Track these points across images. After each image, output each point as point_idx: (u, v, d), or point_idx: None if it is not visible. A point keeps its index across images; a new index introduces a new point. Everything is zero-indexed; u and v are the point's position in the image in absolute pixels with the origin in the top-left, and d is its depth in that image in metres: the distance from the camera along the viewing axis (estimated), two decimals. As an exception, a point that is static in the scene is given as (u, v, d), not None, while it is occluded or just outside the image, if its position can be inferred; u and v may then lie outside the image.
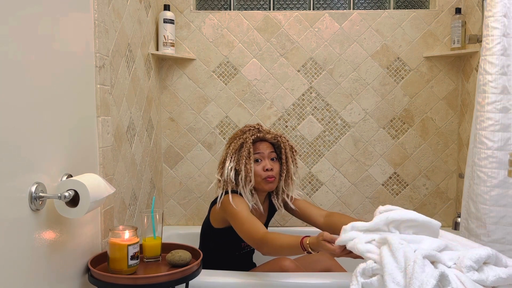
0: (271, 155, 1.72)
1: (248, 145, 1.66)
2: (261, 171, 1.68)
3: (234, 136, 1.76)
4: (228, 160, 1.68)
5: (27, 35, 1.03)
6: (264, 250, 1.48)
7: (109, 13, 1.54)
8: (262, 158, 1.71)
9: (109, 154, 1.50)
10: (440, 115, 2.28)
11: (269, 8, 2.36)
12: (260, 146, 1.72)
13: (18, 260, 0.99)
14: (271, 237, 1.46)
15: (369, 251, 1.19)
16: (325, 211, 1.76)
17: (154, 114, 2.15)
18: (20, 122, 1.00)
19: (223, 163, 1.72)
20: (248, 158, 1.66)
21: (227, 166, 1.67)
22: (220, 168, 1.73)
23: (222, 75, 2.28)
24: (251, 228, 1.53)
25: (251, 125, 1.77)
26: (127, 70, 1.75)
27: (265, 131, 1.75)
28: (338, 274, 1.62)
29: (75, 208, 1.10)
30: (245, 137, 1.69)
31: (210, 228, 1.75)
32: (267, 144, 1.74)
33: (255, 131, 1.73)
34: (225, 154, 1.72)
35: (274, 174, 1.70)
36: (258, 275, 1.58)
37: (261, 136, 1.73)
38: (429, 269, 1.05)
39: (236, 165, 1.67)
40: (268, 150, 1.72)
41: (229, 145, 1.73)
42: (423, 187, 2.31)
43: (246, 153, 1.66)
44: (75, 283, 1.27)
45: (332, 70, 2.27)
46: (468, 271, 1.07)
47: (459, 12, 2.17)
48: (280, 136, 1.74)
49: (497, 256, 1.12)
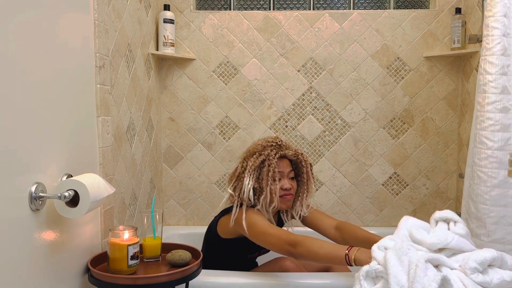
0: (290, 174, 1.63)
1: (273, 165, 1.55)
2: (279, 190, 1.59)
3: (252, 151, 1.62)
4: (247, 178, 1.55)
5: (27, 35, 1.03)
6: (297, 249, 1.38)
7: (109, 13, 1.54)
8: (282, 177, 1.60)
9: (109, 154, 1.50)
10: (440, 115, 2.28)
11: (269, 8, 2.36)
12: (280, 164, 1.60)
13: (18, 260, 0.99)
14: (306, 238, 1.39)
15: (373, 251, 1.19)
16: (335, 221, 1.68)
17: (154, 114, 2.15)
18: (20, 122, 1.00)
19: (238, 177, 1.60)
20: (273, 180, 1.56)
21: (246, 184, 1.54)
22: (233, 182, 1.61)
23: (222, 75, 2.28)
24: (279, 232, 1.46)
25: (271, 140, 1.64)
26: (127, 70, 1.75)
27: (285, 147, 1.64)
28: (338, 274, 1.62)
29: (75, 208, 1.10)
30: (267, 154, 1.57)
31: (216, 237, 1.67)
32: (287, 162, 1.64)
33: (277, 147, 1.61)
34: (242, 169, 1.60)
35: (293, 192, 1.62)
36: (258, 275, 1.57)
37: (283, 154, 1.61)
38: (431, 273, 1.05)
39: (256, 183, 1.56)
40: (288, 169, 1.63)
41: (246, 160, 1.60)
42: (423, 187, 2.31)
43: (271, 174, 1.55)
44: (75, 283, 1.27)
45: (332, 70, 2.27)
46: (472, 273, 1.07)
47: (459, 12, 2.17)
48: (301, 154, 1.64)
49: (502, 258, 1.11)
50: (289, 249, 1.41)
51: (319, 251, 1.35)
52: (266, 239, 1.48)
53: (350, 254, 1.29)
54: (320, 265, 1.79)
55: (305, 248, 1.37)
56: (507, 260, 1.12)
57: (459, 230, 1.20)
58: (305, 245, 1.38)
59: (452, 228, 1.22)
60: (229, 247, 1.67)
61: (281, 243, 1.43)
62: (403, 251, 1.11)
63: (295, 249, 1.39)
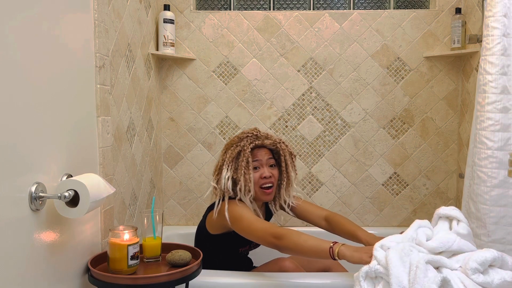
0: (269, 162, 1.67)
1: (247, 154, 1.60)
2: (259, 179, 1.63)
3: (230, 143, 1.68)
4: (225, 169, 1.61)
5: (27, 35, 1.03)
6: (282, 242, 1.41)
7: (109, 13, 1.54)
8: (261, 165, 1.65)
9: (109, 154, 1.50)
10: (440, 115, 2.28)
11: (269, 8, 2.36)
12: (258, 153, 1.65)
13: (18, 260, 0.99)
14: (292, 231, 1.42)
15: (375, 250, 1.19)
16: (324, 212, 1.74)
17: (154, 114, 2.15)
18: (20, 122, 1.00)
19: (219, 171, 1.65)
20: (247, 168, 1.60)
21: (224, 176, 1.60)
22: (216, 175, 1.66)
23: (222, 75, 2.28)
24: (264, 225, 1.49)
25: (248, 131, 1.68)
26: (127, 70, 1.75)
27: (263, 137, 1.68)
28: (338, 274, 1.62)
29: (75, 208, 1.10)
30: (242, 145, 1.62)
31: (205, 234, 1.71)
32: (266, 150, 1.68)
33: (253, 138, 1.65)
34: (221, 162, 1.65)
35: (273, 180, 1.66)
36: (258, 275, 1.57)
37: (260, 143, 1.65)
38: (431, 274, 1.05)
39: (234, 174, 1.61)
40: (266, 157, 1.66)
41: (225, 151, 1.67)
42: (423, 187, 2.31)
43: (245, 163, 1.59)
44: (75, 283, 1.27)
45: (332, 70, 2.27)
46: (473, 273, 1.07)
47: (459, 12, 2.17)
48: (279, 143, 1.68)
49: (503, 258, 1.11)
50: (274, 241, 1.43)
51: (304, 244, 1.38)
52: (251, 232, 1.51)
53: (334, 248, 1.33)
54: (320, 265, 1.80)
55: (290, 241, 1.40)
56: (507, 260, 1.12)
57: (461, 230, 1.20)
58: (290, 238, 1.40)
59: (455, 227, 1.22)
60: (219, 242, 1.69)
61: (266, 235, 1.45)
62: (405, 252, 1.11)
63: (280, 241, 1.42)
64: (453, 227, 1.23)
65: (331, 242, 1.35)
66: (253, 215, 1.55)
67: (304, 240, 1.39)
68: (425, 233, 1.22)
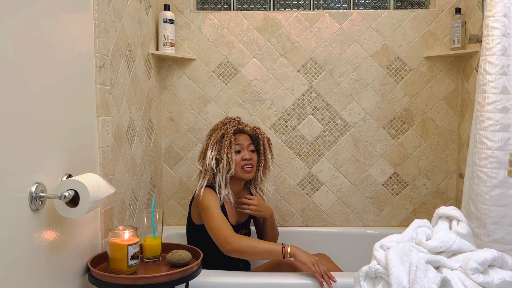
0: (250, 147, 1.86)
1: (230, 135, 1.78)
2: (240, 161, 1.80)
3: (214, 127, 1.87)
4: (210, 150, 1.79)
5: (27, 35, 1.03)
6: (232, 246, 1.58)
7: (109, 13, 1.54)
8: (242, 149, 1.83)
9: (109, 154, 1.50)
10: (440, 115, 2.28)
11: (269, 8, 2.36)
12: (239, 137, 1.85)
13: (18, 260, 0.99)
14: (244, 236, 1.62)
15: (375, 249, 1.19)
16: None
17: (154, 114, 2.15)
18: (20, 122, 1.00)
19: (204, 153, 1.82)
20: (230, 148, 1.77)
21: (209, 155, 1.78)
22: (201, 159, 1.84)
23: (222, 75, 2.28)
24: (222, 225, 1.65)
25: (231, 117, 1.88)
26: (127, 70, 1.75)
27: (244, 124, 1.89)
28: (338, 274, 1.62)
29: (75, 208, 1.10)
30: (226, 128, 1.81)
31: (193, 225, 1.82)
32: (246, 137, 1.88)
33: (235, 122, 1.85)
34: (206, 145, 1.83)
35: (253, 163, 1.83)
36: (258, 275, 1.58)
37: (241, 128, 1.86)
38: (431, 274, 1.05)
39: (218, 154, 1.78)
40: (247, 142, 1.86)
41: (210, 135, 1.85)
42: (423, 187, 2.31)
43: (228, 143, 1.77)
44: (75, 283, 1.27)
45: (332, 70, 2.27)
46: (473, 273, 1.07)
47: (459, 12, 2.17)
48: (258, 129, 1.89)
49: (503, 258, 1.11)
50: (223, 244, 1.61)
51: (258, 246, 1.59)
52: (210, 226, 1.68)
53: (286, 247, 1.56)
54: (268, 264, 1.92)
55: (243, 244, 1.58)
56: (507, 260, 1.12)
57: (461, 230, 1.20)
58: (244, 241, 1.59)
59: (455, 227, 1.22)
60: (205, 232, 1.74)
61: (219, 235, 1.63)
62: (405, 252, 1.11)
63: (228, 246, 1.59)
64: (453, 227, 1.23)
65: (281, 244, 1.57)
66: (218, 211, 1.70)
67: (258, 242, 1.62)
68: (424, 232, 1.22)
